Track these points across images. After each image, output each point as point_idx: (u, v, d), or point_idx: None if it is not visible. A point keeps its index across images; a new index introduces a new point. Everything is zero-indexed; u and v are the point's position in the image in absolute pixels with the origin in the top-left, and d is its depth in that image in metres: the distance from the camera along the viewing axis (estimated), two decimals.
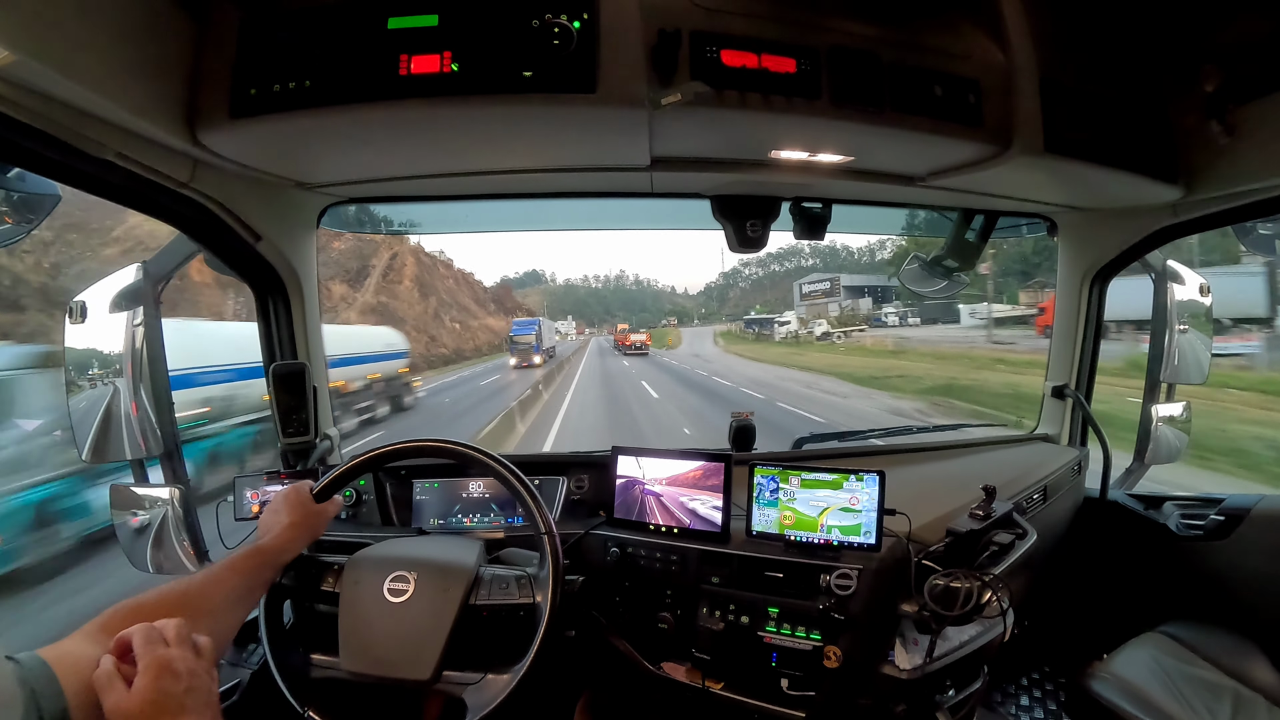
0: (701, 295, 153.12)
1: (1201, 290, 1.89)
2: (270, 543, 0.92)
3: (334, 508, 1.04)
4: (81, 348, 1.30)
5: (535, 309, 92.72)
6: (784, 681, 1.18)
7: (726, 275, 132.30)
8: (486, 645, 0.98)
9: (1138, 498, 1.90)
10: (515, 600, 0.99)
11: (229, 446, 6.80)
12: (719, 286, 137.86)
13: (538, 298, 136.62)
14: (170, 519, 1.35)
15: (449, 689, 0.93)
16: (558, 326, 65.37)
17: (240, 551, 0.89)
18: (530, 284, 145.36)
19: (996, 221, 1.71)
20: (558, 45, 0.86)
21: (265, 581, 0.92)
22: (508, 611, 0.99)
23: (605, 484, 1.38)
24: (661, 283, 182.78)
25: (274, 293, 1.49)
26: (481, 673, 0.94)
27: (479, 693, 0.92)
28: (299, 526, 0.96)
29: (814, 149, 1.19)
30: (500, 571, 1.04)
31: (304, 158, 1.15)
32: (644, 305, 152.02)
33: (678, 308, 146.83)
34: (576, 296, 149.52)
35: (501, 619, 0.99)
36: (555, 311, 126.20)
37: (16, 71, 0.71)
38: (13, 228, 1.06)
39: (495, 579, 1.02)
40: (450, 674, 0.94)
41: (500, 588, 1.01)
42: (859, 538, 1.17)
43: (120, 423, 1.29)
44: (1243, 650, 1.47)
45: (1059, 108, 1.12)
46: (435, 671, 0.92)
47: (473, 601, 0.98)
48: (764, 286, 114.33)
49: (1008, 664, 1.92)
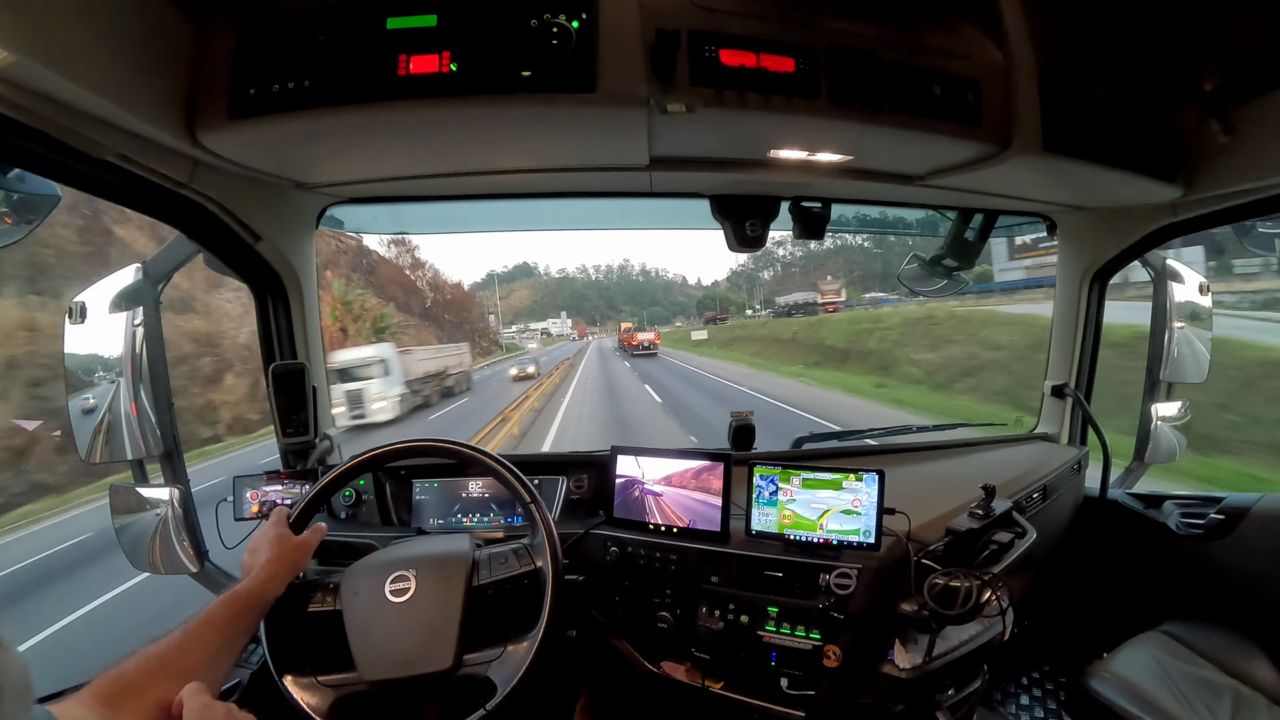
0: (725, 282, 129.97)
1: (1201, 289, 1.89)
2: (247, 586, 0.89)
3: (315, 537, 1.01)
4: (80, 350, 1.29)
5: (518, 309, 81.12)
6: (783, 681, 1.18)
7: (757, 259, 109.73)
8: (499, 620, 1.00)
9: (1137, 497, 1.90)
10: (517, 571, 1.02)
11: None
12: (745, 273, 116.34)
13: (526, 293, 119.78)
14: (170, 519, 1.35)
15: (473, 671, 0.94)
16: (547, 327, 59.85)
17: (218, 601, 0.85)
18: (520, 278, 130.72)
19: (996, 220, 1.71)
20: (556, 45, 0.86)
21: (248, 627, 0.89)
22: (512, 583, 1.02)
23: (605, 484, 1.38)
24: (671, 273, 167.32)
25: (273, 293, 1.49)
26: (501, 646, 0.96)
27: (503, 666, 0.94)
28: (276, 564, 0.93)
29: (813, 149, 1.19)
30: (496, 549, 1.06)
31: (303, 158, 1.15)
32: (654, 298, 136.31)
33: (690, 300, 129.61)
34: (573, 290, 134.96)
35: (507, 592, 1.02)
36: (547, 308, 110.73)
37: (16, 72, 0.71)
38: (12, 228, 1.07)
39: (493, 557, 1.04)
40: (471, 656, 0.95)
41: (500, 563, 1.03)
42: (858, 537, 1.18)
43: (130, 422, 1.30)
44: (1242, 649, 1.47)
45: (1058, 107, 1.12)
46: (456, 658, 0.93)
47: (476, 584, 1.00)
48: (808, 267, 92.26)
49: (1007, 663, 1.92)
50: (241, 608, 0.87)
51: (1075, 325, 1.91)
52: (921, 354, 19.04)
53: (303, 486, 1.41)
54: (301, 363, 1.51)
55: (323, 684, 0.95)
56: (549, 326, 69.45)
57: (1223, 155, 1.23)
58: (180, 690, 0.71)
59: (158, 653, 0.76)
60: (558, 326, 75.69)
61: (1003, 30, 1.08)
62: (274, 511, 1.02)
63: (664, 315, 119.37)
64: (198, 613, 0.84)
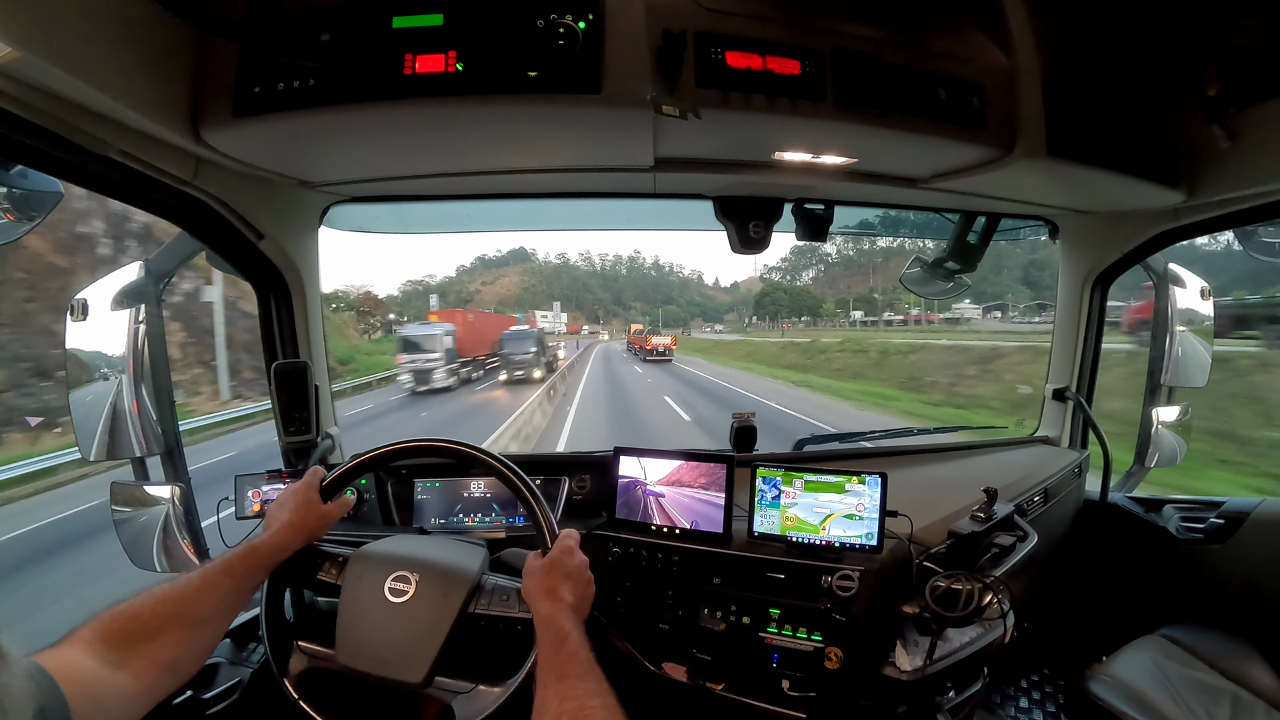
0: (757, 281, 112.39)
1: (1202, 294, 1.90)
2: (265, 541, 0.90)
3: (339, 509, 1.01)
4: (84, 347, 1.29)
5: (504, 298, 61.50)
6: (785, 682, 1.18)
7: (798, 256, 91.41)
8: (481, 655, 0.97)
9: (1138, 500, 1.91)
10: (514, 614, 0.97)
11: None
12: (787, 267, 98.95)
13: (516, 279, 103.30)
14: (172, 517, 1.35)
15: (440, 695, 0.92)
16: (544, 319, 43.78)
17: (236, 551, 0.87)
18: (513, 263, 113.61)
19: (998, 224, 1.72)
20: (563, 45, 0.86)
21: (259, 582, 0.91)
22: (505, 624, 0.97)
23: (607, 484, 1.38)
24: (688, 269, 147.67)
25: (276, 291, 1.49)
26: (473, 683, 0.93)
27: (468, 703, 0.91)
28: (297, 528, 0.94)
29: (817, 151, 1.19)
30: (503, 582, 1.02)
31: (307, 156, 1.15)
32: (668, 295, 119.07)
33: (710, 301, 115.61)
34: (573, 278, 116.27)
35: (499, 630, 0.98)
36: (540, 298, 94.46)
37: (20, 68, 0.71)
38: (14, 224, 1.06)
39: (497, 589, 1.00)
40: (442, 680, 0.92)
41: (501, 599, 0.99)
42: (861, 539, 1.18)
43: (132, 419, 1.29)
44: (1242, 653, 1.47)
45: (1062, 111, 1.12)
46: (427, 676, 0.91)
47: (472, 610, 0.97)
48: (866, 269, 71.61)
49: (1008, 666, 1.92)
50: (258, 562, 0.89)
51: (1076, 329, 1.91)
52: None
53: None
54: (304, 361, 1.51)
55: (300, 648, 0.97)
56: (535, 319, 50.79)
57: (1225, 160, 1.23)
58: (190, 639, 0.71)
59: (174, 597, 0.75)
60: (548, 320, 57.14)
61: (1007, 34, 1.09)
62: (310, 471, 1.02)
63: (681, 317, 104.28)
64: (214, 560, 0.85)
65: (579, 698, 0.69)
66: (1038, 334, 23.11)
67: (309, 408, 1.50)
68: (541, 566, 0.93)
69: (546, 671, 0.75)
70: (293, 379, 1.49)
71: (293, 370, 1.49)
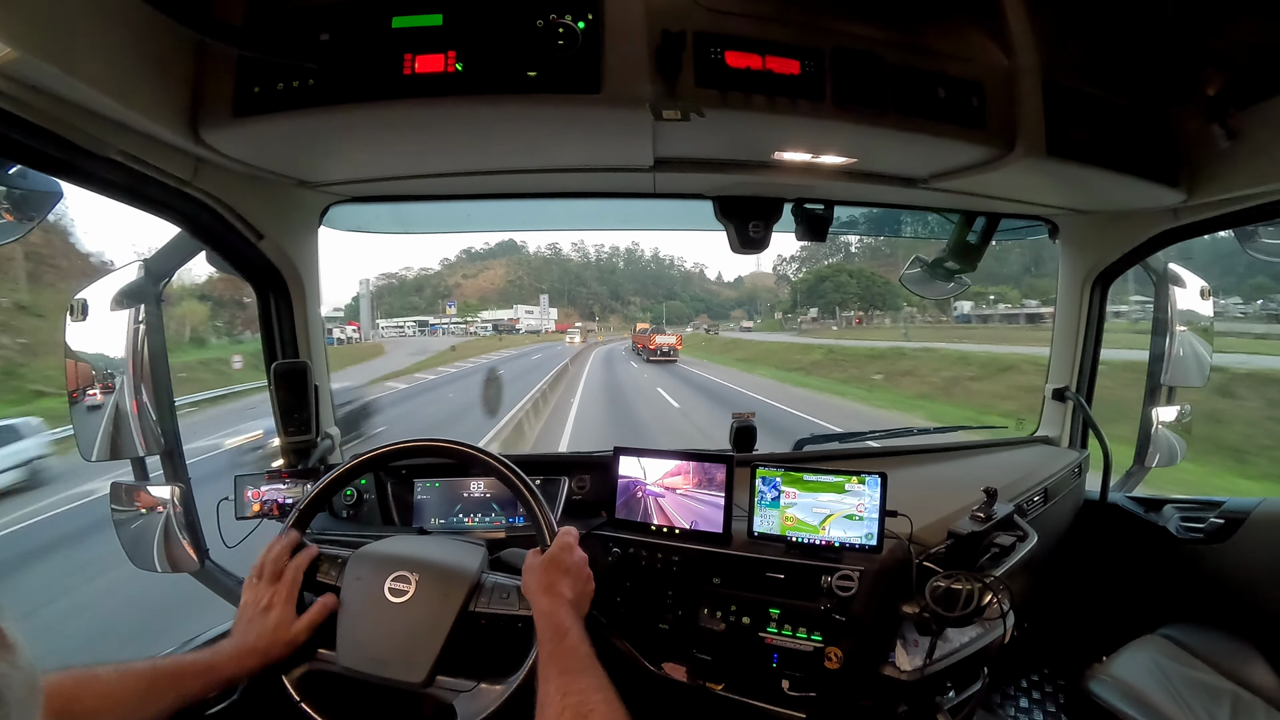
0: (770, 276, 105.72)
1: (1202, 294, 1.89)
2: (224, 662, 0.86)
3: (307, 630, 0.95)
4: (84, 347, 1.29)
5: (486, 291, 53.76)
6: (785, 682, 1.18)
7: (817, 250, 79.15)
8: (482, 654, 0.97)
9: (1138, 500, 1.91)
10: (515, 612, 0.97)
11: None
12: (802, 258, 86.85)
13: (501, 271, 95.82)
14: (171, 518, 1.35)
15: (441, 694, 0.92)
16: (512, 317, 35.02)
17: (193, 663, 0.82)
18: (501, 255, 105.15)
19: (998, 223, 1.72)
20: (562, 45, 0.86)
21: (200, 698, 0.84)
22: (506, 622, 0.97)
23: (607, 484, 1.38)
24: (689, 263, 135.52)
25: (276, 291, 1.49)
26: (475, 681, 0.92)
27: (470, 701, 0.91)
28: (260, 654, 0.89)
29: (817, 151, 1.19)
30: (502, 580, 1.02)
31: (307, 157, 1.15)
32: (670, 290, 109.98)
33: (714, 297, 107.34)
34: (565, 270, 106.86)
35: (500, 629, 0.98)
36: (528, 292, 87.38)
37: (19, 68, 0.71)
38: (14, 224, 1.06)
39: (497, 587, 1.00)
40: (443, 679, 0.92)
41: (501, 597, 0.98)
42: (860, 539, 1.18)
43: (131, 419, 1.29)
44: (1242, 653, 1.47)
45: (1062, 111, 1.12)
46: (429, 676, 0.91)
47: (472, 608, 0.97)
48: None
49: (1008, 666, 1.92)
50: (211, 681, 0.85)
51: (1076, 329, 1.91)
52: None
53: (304, 485, 1.41)
54: (304, 361, 1.51)
55: (301, 650, 0.96)
56: (518, 316, 44.20)
57: (1225, 160, 1.23)
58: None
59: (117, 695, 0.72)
60: (533, 317, 47.97)
61: (1007, 33, 1.08)
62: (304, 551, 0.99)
63: (684, 313, 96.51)
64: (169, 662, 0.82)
65: (580, 693, 0.69)
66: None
67: (309, 408, 1.50)
68: (541, 563, 0.93)
69: (547, 667, 0.75)
70: (292, 379, 1.49)
71: (292, 370, 1.49)
